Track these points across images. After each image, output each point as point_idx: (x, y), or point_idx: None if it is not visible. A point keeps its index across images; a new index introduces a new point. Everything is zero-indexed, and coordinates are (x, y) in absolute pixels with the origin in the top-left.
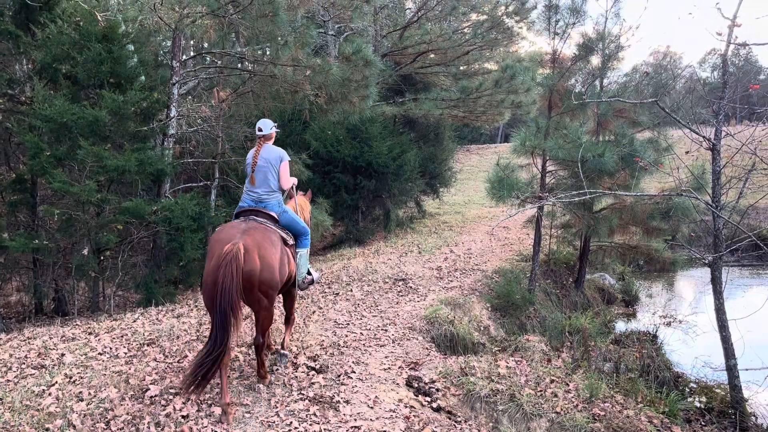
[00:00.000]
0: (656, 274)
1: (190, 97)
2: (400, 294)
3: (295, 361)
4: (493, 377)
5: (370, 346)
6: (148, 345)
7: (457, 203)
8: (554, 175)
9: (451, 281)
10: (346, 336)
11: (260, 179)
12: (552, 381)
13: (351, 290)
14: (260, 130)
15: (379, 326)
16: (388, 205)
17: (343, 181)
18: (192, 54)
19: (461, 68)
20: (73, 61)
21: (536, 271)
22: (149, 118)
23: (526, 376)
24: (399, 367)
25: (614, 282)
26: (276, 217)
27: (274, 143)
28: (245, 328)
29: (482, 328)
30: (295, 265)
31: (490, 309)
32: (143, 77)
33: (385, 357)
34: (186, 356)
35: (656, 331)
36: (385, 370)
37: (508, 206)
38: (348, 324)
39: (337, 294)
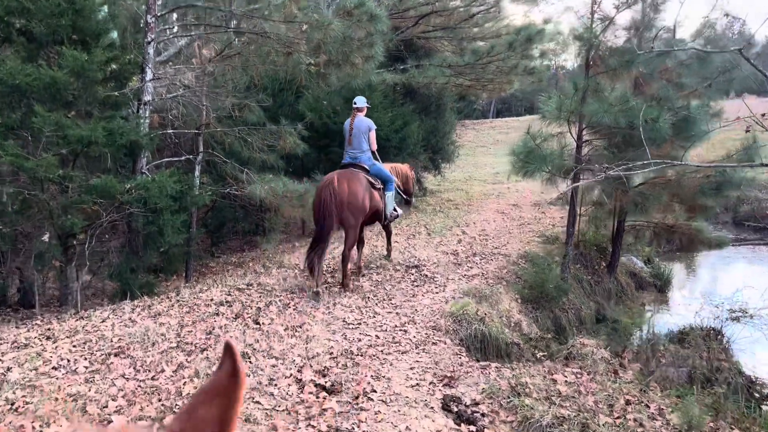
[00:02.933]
0: (678, 255)
1: (170, 63)
2: (415, 284)
3: (299, 377)
4: (552, 398)
5: (390, 354)
6: (115, 355)
7: (457, 180)
8: (590, 145)
9: (471, 268)
10: (359, 340)
11: (355, 142)
12: (628, 402)
13: (358, 280)
14: (355, 103)
15: (396, 326)
16: None
17: (340, 156)
18: (172, 7)
19: (466, 33)
20: (28, 13)
21: (570, 256)
22: (122, 82)
23: (594, 395)
24: (430, 383)
25: (642, 265)
26: (367, 168)
27: (366, 115)
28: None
29: (513, 324)
30: (384, 203)
31: (519, 301)
32: (115, 34)
33: (410, 368)
34: (163, 371)
35: (722, 327)
36: (413, 387)
37: (539, 181)
38: (359, 324)
39: (337, 285)
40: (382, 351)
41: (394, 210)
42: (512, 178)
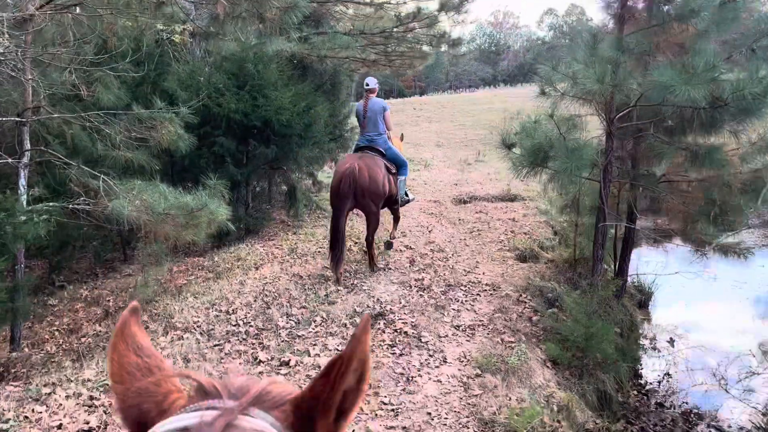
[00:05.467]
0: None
1: None
2: (396, 351)
3: None
4: None
5: None
6: None
7: None
8: (619, 135)
9: (459, 312)
10: None
11: (370, 125)
12: None
13: (301, 354)
14: (367, 85)
15: None
16: (293, 180)
17: (228, 149)
18: None
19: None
20: None
21: (597, 288)
22: None
23: None
24: None
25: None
26: (383, 151)
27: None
28: None
29: (557, 409)
30: (397, 187)
31: (550, 365)
32: None
33: None
34: None
35: None
36: None
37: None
38: None
39: (279, 365)
40: None
41: (406, 195)
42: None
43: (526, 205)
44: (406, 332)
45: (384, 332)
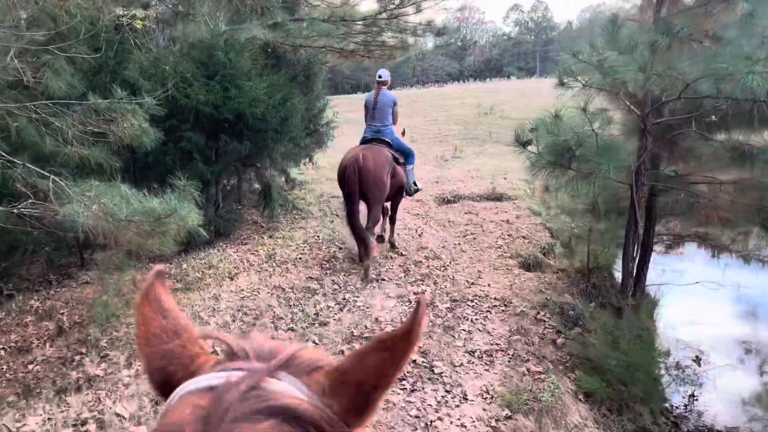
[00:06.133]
0: None
1: None
2: (404, 384)
3: None
4: None
5: None
6: None
7: (324, 167)
8: (655, 132)
9: (471, 334)
10: None
11: (379, 116)
12: None
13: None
14: (380, 77)
15: None
16: (267, 178)
17: (197, 145)
18: None
19: None
20: None
21: (630, 304)
22: None
23: None
24: None
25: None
26: (390, 142)
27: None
28: None
29: None
30: (406, 177)
31: (583, 399)
32: None
33: None
34: None
35: None
36: None
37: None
38: None
39: None
40: None
41: (414, 184)
42: None
43: (516, 205)
44: (414, 360)
45: None
